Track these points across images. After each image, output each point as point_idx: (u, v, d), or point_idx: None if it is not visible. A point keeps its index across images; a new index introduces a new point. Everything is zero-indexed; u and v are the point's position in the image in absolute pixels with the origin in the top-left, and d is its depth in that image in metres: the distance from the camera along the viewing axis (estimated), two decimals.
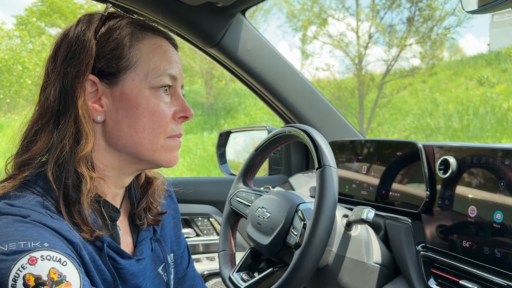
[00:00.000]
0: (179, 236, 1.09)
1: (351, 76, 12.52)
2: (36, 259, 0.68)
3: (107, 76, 0.83)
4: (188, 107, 0.89)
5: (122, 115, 0.84)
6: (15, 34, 16.73)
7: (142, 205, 0.96)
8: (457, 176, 1.02)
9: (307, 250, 0.91)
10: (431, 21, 11.27)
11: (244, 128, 1.97)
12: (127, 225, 0.94)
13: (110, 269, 0.82)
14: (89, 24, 0.84)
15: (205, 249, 1.69)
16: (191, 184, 1.74)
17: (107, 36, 0.84)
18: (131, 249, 0.93)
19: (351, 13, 12.21)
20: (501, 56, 14.04)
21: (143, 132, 0.84)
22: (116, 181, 0.89)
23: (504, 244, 0.89)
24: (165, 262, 0.99)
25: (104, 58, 0.83)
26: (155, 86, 0.85)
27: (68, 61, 0.82)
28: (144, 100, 0.84)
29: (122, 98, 0.83)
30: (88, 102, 0.82)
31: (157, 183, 1.00)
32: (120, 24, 0.85)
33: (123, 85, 0.83)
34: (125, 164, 0.87)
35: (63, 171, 0.79)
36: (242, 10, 1.53)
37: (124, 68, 0.83)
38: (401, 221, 1.15)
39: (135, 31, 0.86)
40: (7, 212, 0.73)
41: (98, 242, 0.82)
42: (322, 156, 0.97)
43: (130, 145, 0.85)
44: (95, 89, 0.84)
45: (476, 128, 10.47)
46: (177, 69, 0.88)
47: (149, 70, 0.84)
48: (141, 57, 0.84)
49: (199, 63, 15.04)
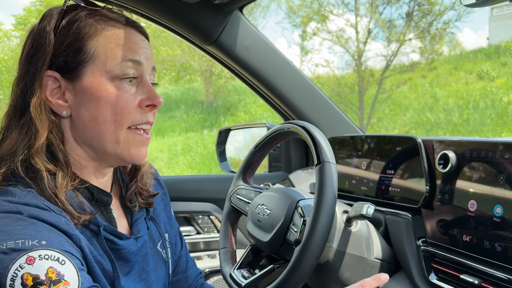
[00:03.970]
0: (170, 217, 1.10)
1: (351, 71, 12.50)
2: (34, 258, 0.68)
3: (68, 71, 0.83)
4: (155, 95, 0.86)
5: (84, 109, 0.83)
6: (13, 35, 16.71)
7: (132, 189, 0.96)
8: (456, 171, 1.02)
9: (307, 247, 0.91)
10: (430, 16, 11.24)
11: (243, 126, 1.97)
12: (120, 207, 0.95)
13: (107, 252, 0.83)
14: (50, 19, 0.83)
15: (205, 247, 1.69)
16: (192, 182, 1.74)
17: (66, 30, 0.83)
18: (127, 229, 0.94)
19: (350, 9, 12.20)
20: (501, 49, 14.00)
21: (105, 124, 0.83)
22: (96, 172, 0.89)
23: (504, 238, 0.89)
24: (162, 239, 1.00)
25: (62, 53, 0.82)
26: (116, 76, 0.83)
27: (29, 58, 0.83)
28: (105, 92, 0.82)
29: (84, 92, 0.83)
30: (50, 98, 0.83)
31: (145, 169, 1.00)
32: (80, 16, 0.84)
33: (83, 79, 0.83)
34: (96, 157, 0.87)
35: (27, 166, 0.80)
36: (239, 7, 1.52)
37: (82, 61, 0.82)
38: (401, 216, 1.15)
39: (94, 22, 0.84)
40: (5, 209, 0.73)
41: (94, 227, 0.82)
42: (321, 153, 0.97)
43: (95, 139, 0.84)
44: (58, 85, 0.83)
45: (476, 122, 10.46)
46: (142, 54, 0.86)
47: (107, 59, 0.82)
48: (98, 48, 0.83)
49: (198, 61, 15.01)
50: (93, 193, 0.87)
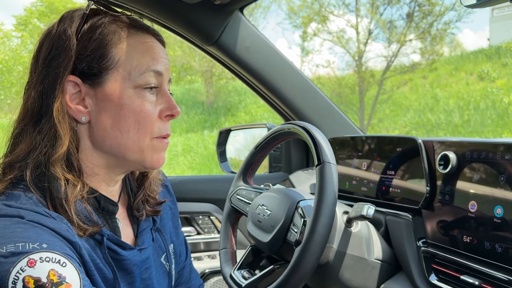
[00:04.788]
0: (177, 226, 1.09)
1: (351, 72, 12.51)
2: (35, 261, 0.67)
3: (90, 76, 0.81)
4: (174, 105, 0.87)
5: (106, 116, 0.82)
6: (13, 35, 16.73)
7: (140, 197, 0.95)
8: (457, 171, 1.02)
9: (307, 247, 0.91)
10: (431, 17, 11.24)
11: (244, 126, 1.97)
12: (126, 217, 0.94)
13: (110, 263, 0.82)
14: (70, 22, 0.82)
15: (206, 247, 1.69)
16: (192, 183, 1.74)
17: (89, 35, 0.82)
18: (132, 240, 0.92)
19: (350, 10, 12.20)
20: (501, 50, 14.01)
21: (128, 132, 0.82)
22: (107, 180, 0.88)
23: (505, 238, 0.89)
24: (166, 252, 0.99)
25: (85, 58, 0.81)
26: (139, 85, 0.82)
27: (49, 62, 0.81)
28: (128, 100, 0.82)
29: (106, 98, 0.82)
30: (70, 104, 0.81)
31: (153, 175, 0.99)
32: (103, 22, 0.83)
33: (106, 86, 0.81)
34: (112, 164, 0.86)
35: (41, 174, 0.78)
36: (240, 8, 1.52)
37: (106, 68, 0.81)
38: (402, 217, 1.15)
39: (118, 29, 0.83)
40: (6, 213, 0.73)
41: (98, 236, 0.82)
42: (322, 153, 0.97)
43: (116, 147, 0.83)
44: (78, 90, 0.82)
45: (476, 123, 10.46)
46: (163, 64, 0.86)
47: (131, 68, 0.82)
48: (123, 56, 0.82)
49: (198, 62, 15.02)
50: (100, 202, 0.86)
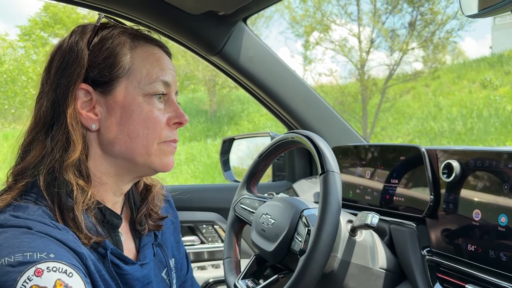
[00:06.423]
0: (179, 241, 1.10)
1: (354, 81, 12.53)
2: (42, 270, 0.68)
3: (101, 84, 0.84)
4: (182, 113, 0.90)
5: (116, 123, 0.85)
6: (18, 45, 16.87)
7: (143, 211, 0.96)
8: (461, 180, 1.02)
9: (312, 256, 0.91)
10: (433, 25, 11.28)
11: (247, 135, 1.97)
12: (129, 231, 0.95)
13: (114, 276, 0.83)
14: (82, 35, 0.86)
15: (210, 257, 1.69)
16: (195, 192, 1.74)
17: (100, 46, 0.85)
18: (134, 254, 0.93)
19: (353, 19, 12.25)
20: (504, 58, 14.01)
21: (137, 138, 0.85)
22: (115, 189, 0.89)
23: (510, 247, 0.88)
24: (167, 267, 1.00)
25: (97, 67, 0.84)
26: (148, 93, 0.86)
27: (61, 72, 0.84)
28: (137, 107, 0.85)
29: (116, 105, 0.84)
30: (81, 111, 0.84)
31: (156, 190, 1.01)
32: (113, 34, 0.87)
33: (117, 93, 0.85)
34: (122, 170, 0.88)
35: (54, 180, 0.80)
36: (243, 18, 1.53)
37: (117, 76, 0.84)
38: (406, 226, 1.15)
39: (128, 40, 0.87)
40: (13, 224, 0.73)
41: (101, 249, 0.83)
42: (325, 162, 0.97)
43: (125, 151, 0.86)
44: (89, 98, 0.85)
45: (480, 131, 10.44)
46: (170, 75, 0.89)
47: (142, 77, 0.85)
48: (133, 65, 0.86)
49: (201, 71, 15.09)
50: (105, 215, 0.87)
